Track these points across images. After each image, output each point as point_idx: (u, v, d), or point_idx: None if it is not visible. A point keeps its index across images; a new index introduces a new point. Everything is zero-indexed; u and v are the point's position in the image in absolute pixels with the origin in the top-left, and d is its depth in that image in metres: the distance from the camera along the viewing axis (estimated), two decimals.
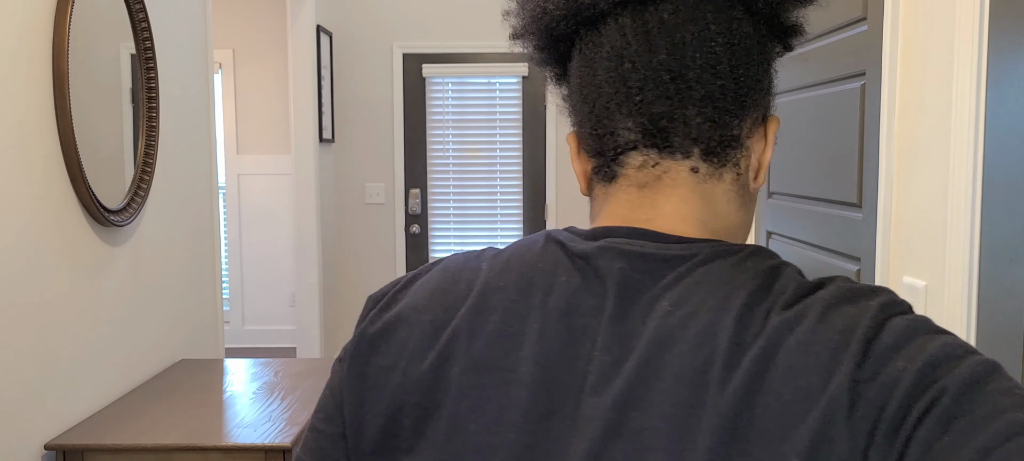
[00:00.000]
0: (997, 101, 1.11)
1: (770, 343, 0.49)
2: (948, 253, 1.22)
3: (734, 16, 0.59)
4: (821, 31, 1.76)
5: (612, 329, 0.54)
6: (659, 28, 0.59)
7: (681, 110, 0.59)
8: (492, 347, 0.57)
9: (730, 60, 0.59)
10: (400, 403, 0.58)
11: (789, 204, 1.97)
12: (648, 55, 0.59)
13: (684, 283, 0.54)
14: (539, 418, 0.54)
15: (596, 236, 0.59)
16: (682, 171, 0.60)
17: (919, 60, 1.34)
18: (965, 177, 1.17)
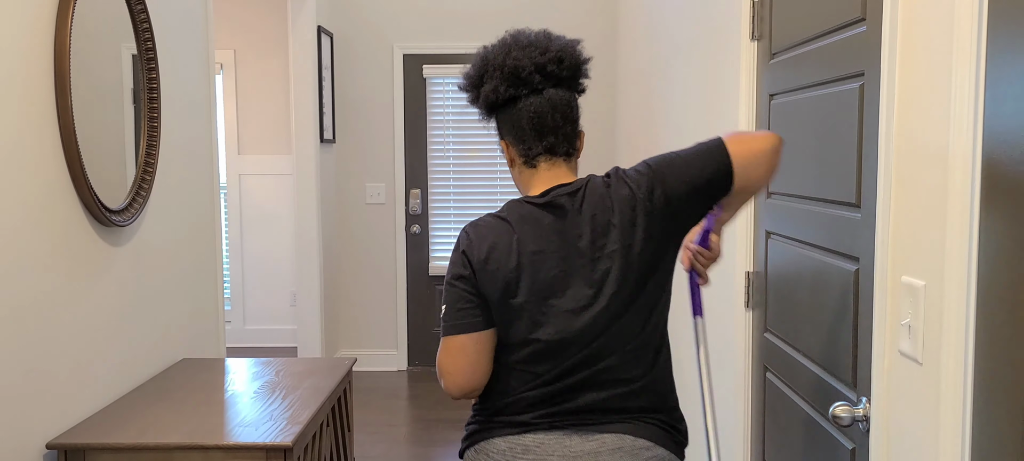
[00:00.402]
0: (997, 101, 1.12)
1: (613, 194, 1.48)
2: (947, 253, 1.22)
3: (573, 94, 1.58)
4: (820, 31, 1.77)
5: (574, 222, 1.48)
6: (551, 102, 1.54)
7: (561, 140, 1.56)
8: (534, 245, 1.48)
9: (574, 115, 1.58)
10: (506, 281, 1.47)
11: (787, 204, 1.98)
12: (548, 115, 1.55)
13: (585, 193, 1.50)
14: (562, 261, 1.47)
15: (543, 195, 1.53)
16: (562, 162, 1.57)
17: (918, 60, 1.34)
18: (964, 177, 1.18)
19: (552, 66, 1.54)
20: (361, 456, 3.97)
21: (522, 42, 1.56)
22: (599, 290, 1.47)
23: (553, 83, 1.55)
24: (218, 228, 3.15)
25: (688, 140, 3.12)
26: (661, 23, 3.70)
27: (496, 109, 1.58)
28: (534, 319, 1.48)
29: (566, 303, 1.47)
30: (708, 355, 1.92)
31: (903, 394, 1.41)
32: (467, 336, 1.51)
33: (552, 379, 1.50)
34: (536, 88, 1.53)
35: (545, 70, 1.53)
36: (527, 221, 1.50)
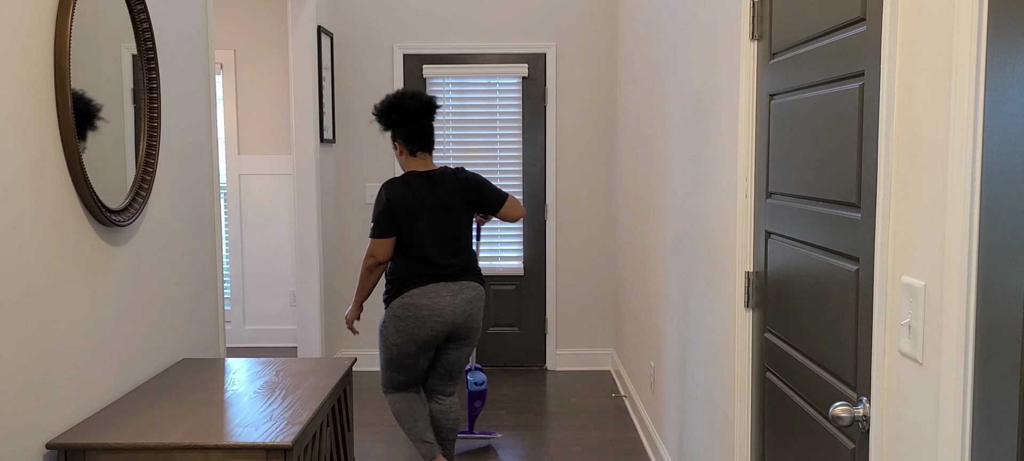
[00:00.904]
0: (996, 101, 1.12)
1: (457, 178, 3.39)
2: (947, 253, 1.22)
3: (432, 120, 3.46)
4: (820, 31, 1.77)
5: (438, 187, 3.34)
6: (424, 125, 3.38)
7: (428, 144, 3.40)
8: (422, 196, 3.29)
9: (432, 131, 3.42)
10: (412, 209, 3.27)
11: (787, 204, 1.98)
12: (425, 131, 3.38)
13: (443, 175, 3.37)
14: (433, 210, 3.31)
15: (424, 174, 3.34)
16: (429, 155, 3.41)
17: (918, 60, 1.35)
18: (964, 177, 1.18)
19: (426, 107, 3.38)
20: (361, 456, 3.97)
21: (410, 93, 3.37)
22: (448, 218, 3.33)
23: (426, 116, 3.37)
24: (218, 228, 3.15)
25: (688, 140, 3.12)
26: (661, 23, 3.70)
27: (398, 126, 3.36)
28: (424, 231, 3.29)
29: (439, 223, 3.32)
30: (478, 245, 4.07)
31: (903, 394, 1.41)
32: (389, 239, 3.29)
33: (436, 258, 3.30)
34: (419, 118, 3.35)
35: (424, 109, 3.37)
36: (416, 184, 3.30)
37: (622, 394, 4.87)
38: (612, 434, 4.27)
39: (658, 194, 3.78)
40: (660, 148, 3.72)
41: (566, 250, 5.44)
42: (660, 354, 3.75)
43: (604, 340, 5.52)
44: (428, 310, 3.25)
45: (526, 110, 5.35)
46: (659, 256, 3.76)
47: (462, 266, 3.35)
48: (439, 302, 3.26)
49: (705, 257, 2.85)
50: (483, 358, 5.51)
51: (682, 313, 3.25)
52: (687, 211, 3.15)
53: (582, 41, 5.32)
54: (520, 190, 5.39)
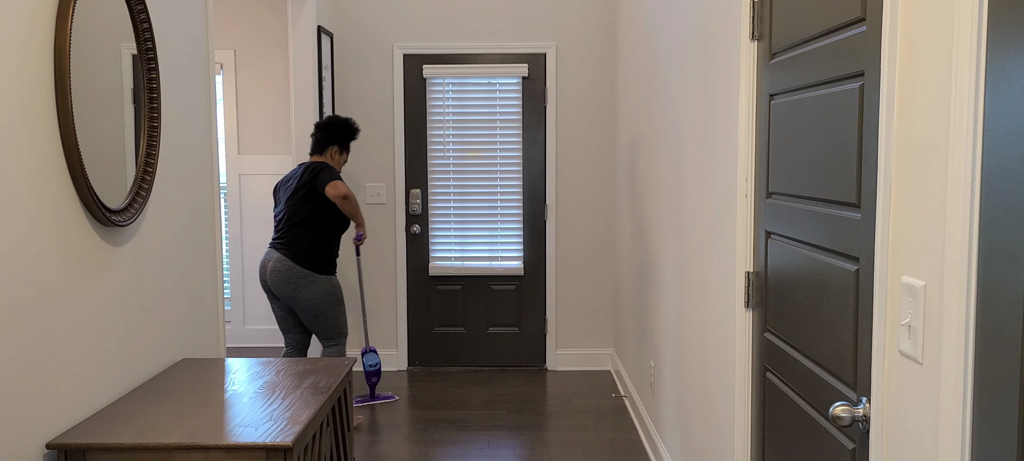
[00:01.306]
0: (996, 101, 1.12)
1: (304, 171, 4.17)
2: (947, 253, 1.22)
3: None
4: (820, 31, 1.77)
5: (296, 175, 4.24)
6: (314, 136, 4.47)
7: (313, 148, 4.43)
8: (287, 182, 4.25)
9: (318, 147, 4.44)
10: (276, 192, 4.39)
11: (787, 204, 1.98)
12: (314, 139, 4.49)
13: (304, 167, 4.22)
14: (286, 188, 4.25)
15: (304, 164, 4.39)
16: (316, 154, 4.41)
17: (918, 60, 1.35)
18: (964, 177, 1.18)
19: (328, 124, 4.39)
20: (361, 456, 3.97)
21: (343, 118, 4.38)
22: (290, 199, 4.14)
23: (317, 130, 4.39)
24: (218, 228, 3.15)
25: (688, 140, 3.12)
26: (661, 23, 3.70)
27: (337, 142, 4.36)
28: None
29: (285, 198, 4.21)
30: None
31: (903, 394, 1.41)
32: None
33: (275, 226, 4.21)
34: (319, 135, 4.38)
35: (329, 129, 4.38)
36: (291, 175, 4.30)
37: (622, 394, 4.87)
38: (612, 434, 4.27)
39: (658, 194, 3.78)
40: (660, 148, 3.72)
41: (566, 250, 5.44)
42: (660, 354, 3.75)
43: (604, 340, 5.52)
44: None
45: (526, 110, 5.35)
46: (659, 256, 3.76)
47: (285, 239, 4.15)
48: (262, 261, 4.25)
49: (705, 257, 2.85)
50: (483, 358, 5.51)
51: (682, 313, 3.25)
52: (687, 211, 3.15)
53: (582, 41, 5.32)
54: (520, 190, 5.40)
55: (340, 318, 4.21)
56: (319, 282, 4.10)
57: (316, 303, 4.11)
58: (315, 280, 4.09)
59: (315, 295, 4.10)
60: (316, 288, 4.09)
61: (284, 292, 4.09)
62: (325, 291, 4.13)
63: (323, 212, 4.11)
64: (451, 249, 5.44)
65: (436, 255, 5.44)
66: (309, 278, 4.08)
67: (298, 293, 4.08)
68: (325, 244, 4.14)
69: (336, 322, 4.19)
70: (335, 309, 4.18)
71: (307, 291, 4.09)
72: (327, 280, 4.14)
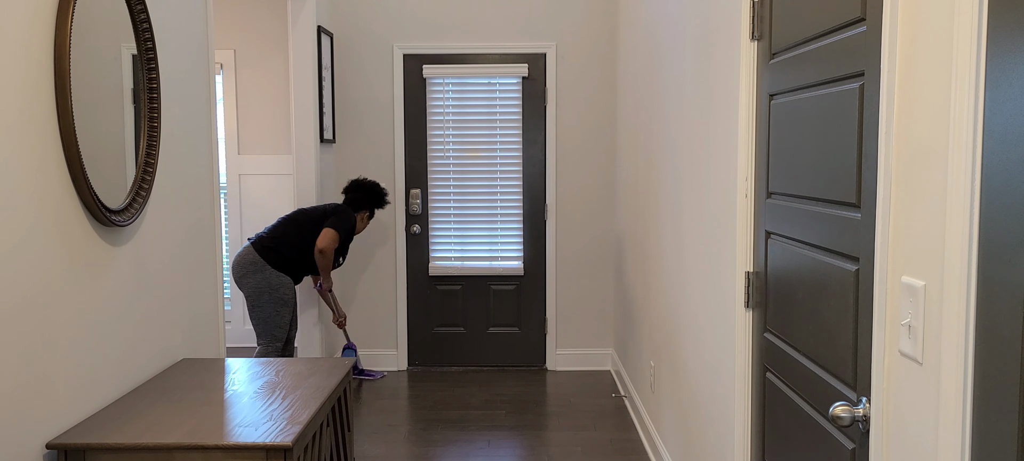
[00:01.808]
0: (996, 101, 1.12)
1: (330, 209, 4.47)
2: (947, 253, 1.22)
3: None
4: (820, 31, 1.77)
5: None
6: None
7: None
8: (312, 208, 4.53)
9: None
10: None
11: (787, 204, 1.98)
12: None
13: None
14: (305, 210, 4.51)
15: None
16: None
17: (918, 60, 1.35)
18: (964, 177, 1.18)
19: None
20: (361, 456, 3.97)
21: (380, 188, 4.70)
22: (300, 214, 4.37)
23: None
24: (218, 228, 3.15)
25: (688, 140, 3.12)
26: (661, 23, 3.70)
27: (368, 207, 4.66)
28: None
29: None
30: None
31: (903, 394, 1.41)
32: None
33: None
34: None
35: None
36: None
37: (622, 394, 4.87)
38: (612, 434, 4.27)
39: (658, 194, 3.78)
40: (660, 148, 3.72)
41: (566, 250, 5.44)
42: (660, 354, 3.75)
43: (604, 340, 5.52)
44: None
45: (526, 110, 5.35)
46: (659, 256, 3.76)
47: (258, 235, 4.24)
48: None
49: (705, 257, 2.85)
50: (483, 358, 5.51)
51: (682, 313, 3.26)
52: (687, 211, 3.15)
53: (582, 41, 5.32)
54: (520, 190, 5.40)
55: (276, 319, 4.13)
56: (267, 274, 4.09)
57: (257, 292, 4.09)
58: (263, 270, 4.10)
59: (259, 284, 4.09)
60: (261, 278, 4.09)
61: (235, 277, 4.14)
62: (269, 284, 4.10)
63: (314, 242, 4.29)
64: (451, 249, 5.44)
65: (436, 255, 5.44)
66: (259, 266, 4.10)
67: (244, 278, 4.11)
68: (296, 254, 4.22)
69: (270, 321, 4.13)
70: (273, 307, 4.12)
71: (252, 278, 4.10)
72: (276, 275, 4.12)
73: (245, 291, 4.13)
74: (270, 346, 4.16)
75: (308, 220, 4.29)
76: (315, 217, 4.31)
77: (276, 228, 4.25)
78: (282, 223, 4.28)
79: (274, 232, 4.22)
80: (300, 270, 4.27)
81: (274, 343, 4.15)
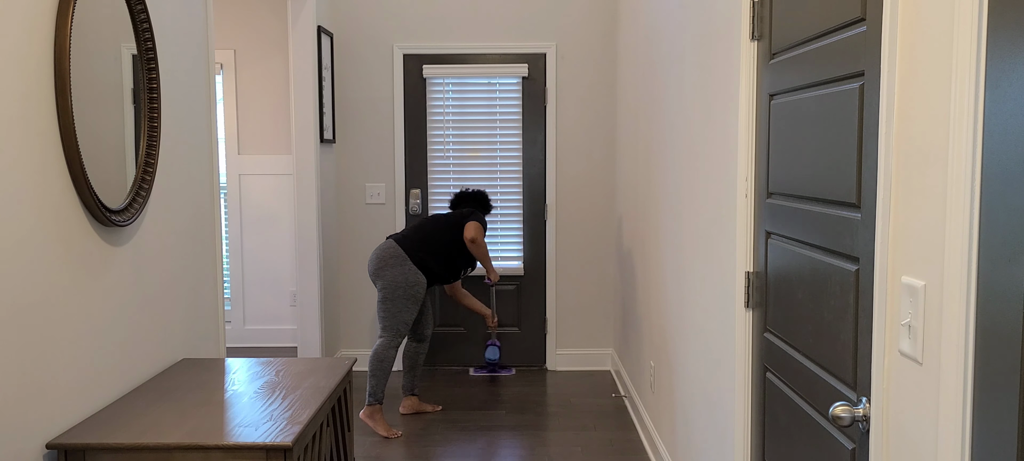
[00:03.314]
0: (996, 101, 1.12)
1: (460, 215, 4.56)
2: (947, 253, 1.22)
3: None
4: (820, 31, 1.77)
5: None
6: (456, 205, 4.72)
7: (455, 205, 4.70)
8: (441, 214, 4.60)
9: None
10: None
11: (787, 204, 1.98)
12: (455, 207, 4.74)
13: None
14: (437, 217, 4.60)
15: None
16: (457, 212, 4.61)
17: (918, 60, 1.35)
18: (964, 177, 1.18)
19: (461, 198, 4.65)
20: (361, 456, 3.97)
21: (487, 195, 4.64)
22: (437, 218, 4.48)
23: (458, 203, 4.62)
24: (218, 228, 3.15)
25: (688, 140, 3.12)
26: (661, 23, 3.70)
27: (482, 215, 4.51)
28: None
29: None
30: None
31: (903, 394, 1.41)
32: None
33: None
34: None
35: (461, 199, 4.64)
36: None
37: (622, 394, 4.87)
38: (612, 434, 4.27)
39: (658, 194, 3.78)
40: (660, 148, 3.72)
41: (566, 250, 5.44)
42: (660, 354, 3.75)
43: (604, 340, 5.52)
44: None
45: (526, 110, 5.35)
46: (659, 256, 3.76)
47: (398, 234, 4.34)
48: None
49: (705, 257, 2.85)
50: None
51: (682, 313, 3.26)
52: (687, 211, 3.15)
53: (582, 41, 5.32)
54: (520, 190, 5.39)
55: (404, 315, 4.22)
56: (406, 269, 4.18)
57: (393, 285, 4.17)
58: (404, 265, 4.19)
59: (396, 277, 4.17)
60: (399, 272, 4.18)
61: (373, 269, 4.23)
62: (407, 279, 4.18)
63: (456, 240, 4.36)
64: None
65: None
66: (401, 260, 4.20)
67: (383, 270, 4.19)
68: (441, 256, 4.32)
69: (398, 315, 4.21)
70: (404, 302, 4.20)
71: (391, 270, 4.18)
72: (414, 272, 4.21)
73: (380, 282, 4.21)
74: (393, 340, 4.24)
75: (448, 222, 4.38)
76: (454, 219, 4.40)
77: (420, 229, 4.34)
78: (425, 224, 4.36)
79: (418, 232, 4.32)
80: (437, 274, 4.33)
81: (397, 337, 4.24)
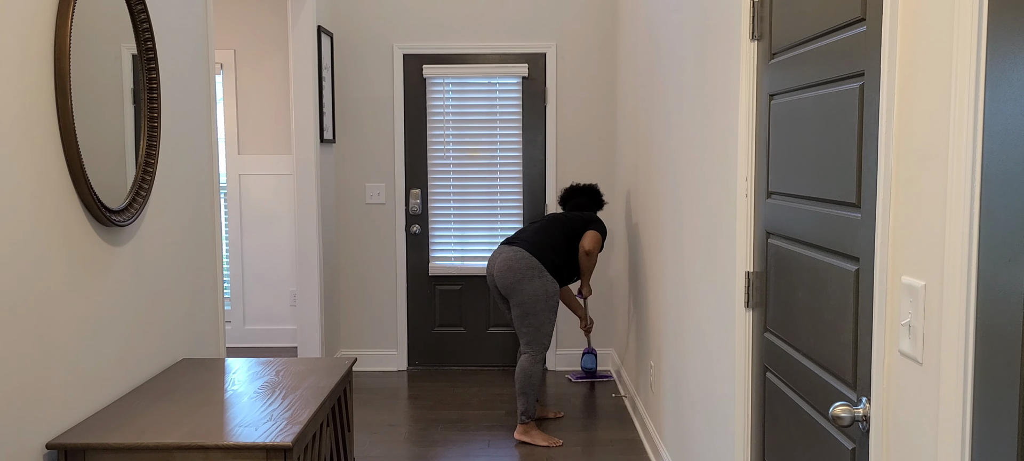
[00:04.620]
0: (996, 101, 1.12)
1: (582, 218, 4.31)
2: (947, 253, 1.22)
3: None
4: (820, 31, 1.77)
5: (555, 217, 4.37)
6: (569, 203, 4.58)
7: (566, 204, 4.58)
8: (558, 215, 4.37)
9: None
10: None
11: (787, 204, 1.98)
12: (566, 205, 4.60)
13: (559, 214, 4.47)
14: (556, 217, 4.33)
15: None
16: (566, 210, 4.51)
17: (918, 60, 1.35)
18: (964, 177, 1.18)
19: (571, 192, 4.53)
20: (361, 456, 3.97)
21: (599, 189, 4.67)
22: (554, 221, 4.25)
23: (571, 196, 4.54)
24: (218, 228, 3.15)
25: (688, 140, 3.12)
26: (661, 23, 3.70)
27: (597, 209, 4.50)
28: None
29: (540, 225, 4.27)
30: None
31: (903, 394, 1.41)
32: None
33: (520, 231, 4.26)
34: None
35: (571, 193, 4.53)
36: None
37: (622, 394, 4.87)
38: (612, 434, 4.27)
39: (658, 193, 3.78)
40: (660, 147, 3.72)
41: None
42: (660, 354, 3.75)
43: (604, 340, 5.52)
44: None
45: (526, 110, 5.35)
46: (659, 256, 3.76)
47: (521, 239, 4.10)
48: (490, 260, 4.17)
49: (705, 257, 2.85)
50: (483, 358, 5.51)
51: (682, 313, 3.26)
52: (687, 211, 3.15)
53: (582, 41, 5.32)
54: (520, 190, 5.40)
55: (547, 326, 4.02)
56: (545, 280, 3.99)
57: (533, 298, 3.97)
58: (541, 276, 3.99)
59: (536, 290, 3.98)
60: (539, 284, 3.99)
61: (507, 282, 3.98)
62: (547, 291, 4.00)
63: (572, 245, 4.17)
64: (451, 249, 5.44)
65: (436, 255, 5.44)
66: (539, 272, 3.99)
67: (521, 283, 3.98)
68: (565, 261, 4.12)
69: (541, 328, 4.01)
70: (546, 314, 4.01)
71: (530, 283, 3.97)
72: (552, 281, 4.02)
73: (518, 296, 3.98)
74: (539, 354, 4.02)
75: (571, 225, 4.19)
76: (577, 223, 4.21)
77: (545, 232, 4.14)
78: (548, 236, 4.13)
79: (545, 236, 4.11)
80: (566, 277, 4.18)
81: (543, 352, 4.03)
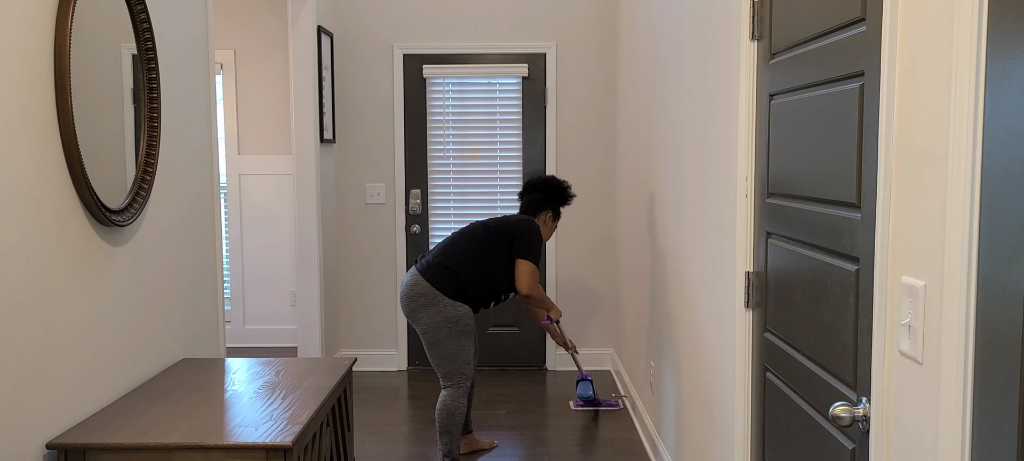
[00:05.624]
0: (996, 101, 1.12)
1: (508, 227, 3.70)
2: (947, 253, 1.22)
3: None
4: (820, 31, 1.77)
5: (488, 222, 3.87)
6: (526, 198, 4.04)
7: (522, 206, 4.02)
8: (479, 225, 3.75)
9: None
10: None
11: (787, 204, 1.98)
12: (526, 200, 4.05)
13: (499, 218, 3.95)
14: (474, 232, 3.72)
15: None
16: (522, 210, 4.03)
17: (918, 60, 1.35)
18: (964, 177, 1.18)
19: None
20: (361, 456, 3.97)
21: (561, 181, 3.95)
22: (471, 236, 3.66)
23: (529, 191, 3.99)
24: (218, 228, 3.15)
25: (688, 140, 3.12)
26: (661, 23, 3.70)
27: (551, 207, 3.93)
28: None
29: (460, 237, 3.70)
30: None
31: (903, 394, 1.41)
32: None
33: (429, 250, 3.85)
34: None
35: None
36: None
37: (622, 394, 4.87)
38: (612, 434, 4.27)
39: (658, 193, 3.78)
40: (660, 148, 3.72)
41: (566, 250, 5.44)
42: (660, 354, 3.75)
43: (604, 340, 5.52)
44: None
45: (526, 110, 5.35)
46: (659, 256, 3.76)
47: (422, 261, 3.62)
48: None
49: (705, 257, 2.85)
50: (483, 358, 5.51)
51: (682, 313, 3.26)
52: (687, 211, 3.15)
53: (582, 41, 5.32)
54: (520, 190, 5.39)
55: (460, 354, 3.51)
56: (442, 306, 3.46)
57: (434, 327, 3.47)
58: (437, 301, 3.46)
59: (433, 319, 3.47)
60: (435, 312, 3.47)
61: (406, 311, 3.54)
62: (447, 317, 3.46)
63: (503, 271, 3.60)
64: None
65: None
66: (432, 298, 3.47)
67: (416, 314, 3.50)
68: (478, 278, 3.55)
69: (454, 358, 3.50)
70: (452, 341, 3.49)
71: (425, 313, 3.48)
72: (453, 306, 3.48)
73: (420, 328, 3.51)
74: (460, 386, 3.54)
75: (489, 240, 3.60)
76: (496, 233, 3.63)
77: (450, 250, 3.58)
78: (457, 242, 3.61)
79: (449, 255, 3.56)
80: (480, 300, 3.59)
81: (464, 382, 3.54)
